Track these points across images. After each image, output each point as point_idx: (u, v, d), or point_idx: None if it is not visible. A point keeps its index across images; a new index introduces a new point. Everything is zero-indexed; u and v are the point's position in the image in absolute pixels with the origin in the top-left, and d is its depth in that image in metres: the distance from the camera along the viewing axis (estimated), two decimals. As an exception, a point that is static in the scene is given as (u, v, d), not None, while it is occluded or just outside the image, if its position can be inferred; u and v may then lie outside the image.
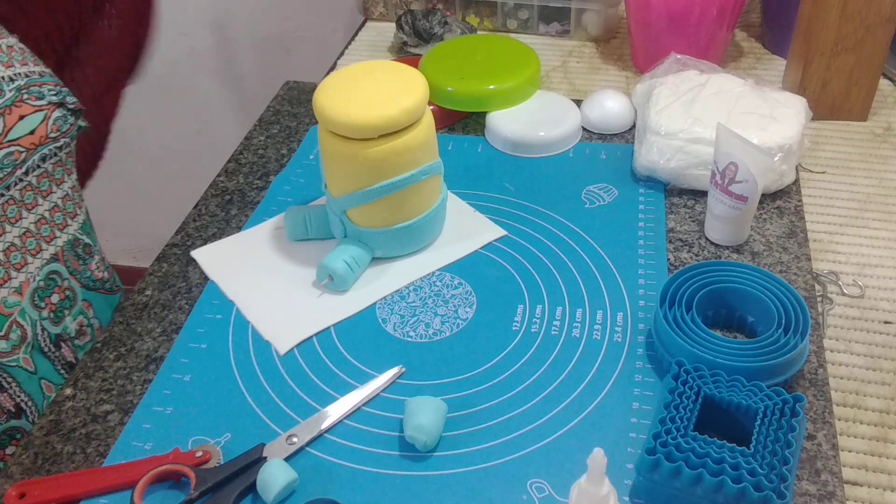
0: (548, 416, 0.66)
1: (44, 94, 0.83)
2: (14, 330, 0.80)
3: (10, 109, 0.80)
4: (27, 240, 0.83)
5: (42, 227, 0.85)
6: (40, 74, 0.85)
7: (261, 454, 0.63)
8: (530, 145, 0.95)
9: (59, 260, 0.85)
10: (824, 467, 0.62)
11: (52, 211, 0.86)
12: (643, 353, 0.71)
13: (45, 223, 0.85)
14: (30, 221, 0.83)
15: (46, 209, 0.86)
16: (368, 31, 1.30)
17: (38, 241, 0.84)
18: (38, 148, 0.82)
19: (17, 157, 0.80)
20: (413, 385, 0.70)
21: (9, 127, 0.79)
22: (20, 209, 0.82)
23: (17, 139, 0.80)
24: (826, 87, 1.00)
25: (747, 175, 0.76)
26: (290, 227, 0.84)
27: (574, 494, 0.55)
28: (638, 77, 1.12)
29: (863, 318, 0.77)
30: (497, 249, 0.83)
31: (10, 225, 0.81)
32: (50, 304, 0.84)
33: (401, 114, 0.73)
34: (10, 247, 0.81)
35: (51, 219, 0.86)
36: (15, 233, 0.82)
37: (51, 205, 0.87)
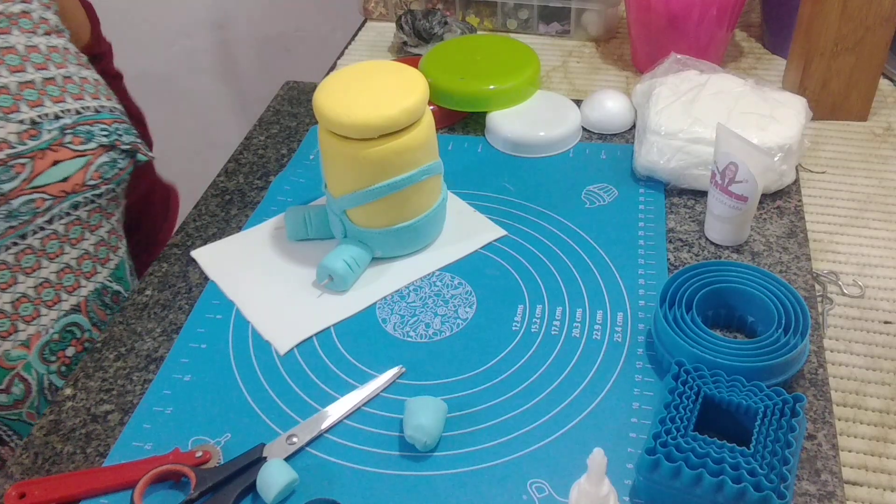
0: (548, 416, 0.66)
1: (93, 135, 0.79)
2: (16, 384, 0.78)
3: (44, 153, 0.75)
4: (43, 291, 0.79)
5: (65, 277, 0.80)
6: (96, 110, 0.80)
7: (261, 454, 0.63)
8: (530, 145, 0.95)
9: (80, 311, 0.82)
10: (824, 467, 0.62)
11: (81, 259, 0.82)
12: (643, 353, 0.71)
13: (70, 272, 0.81)
14: (50, 271, 0.79)
15: (74, 257, 0.81)
16: (368, 31, 1.30)
17: (56, 291, 0.80)
18: (69, 196, 0.78)
19: (38, 205, 0.76)
20: (413, 385, 0.70)
21: (36, 172, 0.75)
22: (39, 258, 0.78)
23: (43, 186, 0.75)
24: (826, 87, 1.00)
25: (747, 175, 0.76)
26: (290, 227, 0.84)
27: (574, 494, 0.55)
28: (638, 77, 1.12)
29: (863, 318, 0.77)
30: (497, 249, 0.83)
31: (25, 275, 0.77)
32: (63, 358, 0.81)
33: (401, 114, 0.73)
34: (21, 298, 0.77)
35: (77, 267, 0.81)
36: (29, 283, 0.78)
37: (80, 252, 0.82)
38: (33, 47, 0.77)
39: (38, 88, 0.76)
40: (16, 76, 0.74)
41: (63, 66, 0.79)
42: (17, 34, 0.76)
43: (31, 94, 0.75)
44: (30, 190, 0.75)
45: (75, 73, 0.80)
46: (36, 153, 0.75)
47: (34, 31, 0.78)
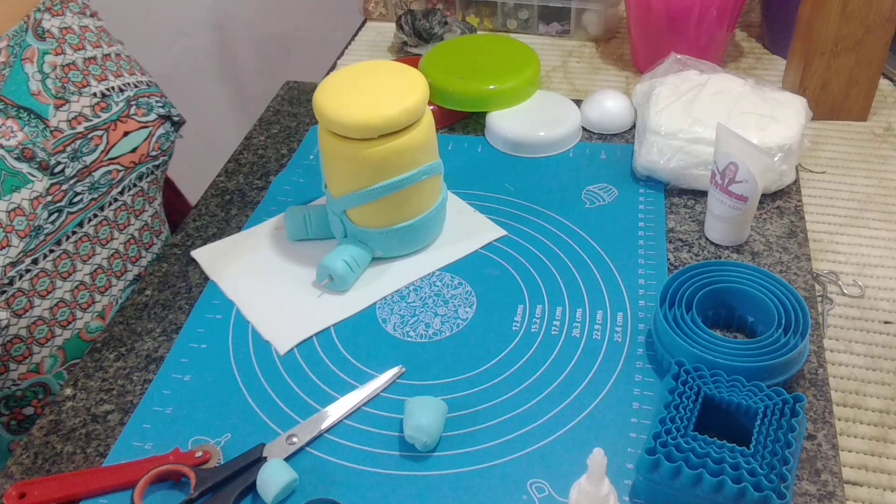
0: (548, 416, 0.66)
1: (152, 107, 0.83)
2: None
3: (116, 125, 0.78)
4: (114, 261, 0.81)
5: (130, 248, 0.84)
6: (147, 84, 0.84)
7: (261, 454, 0.63)
8: (530, 145, 0.95)
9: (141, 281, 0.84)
10: (824, 467, 0.62)
11: (142, 230, 0.85)
12: (643, 353, 0.71)
13: (134, 243, 0.84)
14: (119, 242, 0.82)
15: (137, 228, 0.85)
16: (368, 31, 1.30)
17: (124, 262, 0.83)
18: (137, 166, 0.81)
19: (114, 176, 0.79)
20: (413, 385, 0.70)
21: (112, 143, 0.78)
22: (112, 230, 0.81)
23: (117, 157, 0.79)
24: (826, 87, 1.00)
25: (747, 175, 0.76)
26: (290, 227, 0.84)
27: (574, 494, 0.55)
28: (638, 77, 1.12)
29: (863, 318, 0.77)
30: (497, 249, 0.83)
31: (101, 247, 0.80)
32: None
33: (401, 114, 0.73)
34: (97, 269, 0.80)
35: (139, 238, 0.85)
36: (104, 254, 0.80)
37: (141, 224, 0.85)
38: (85, 27, 0.81)
39: (99, 64, 0.80)
40: (79, 53, 0.78)
41: (112, 44, 0.83)
42: (70, 15, 0.80)
43: (96, 70, 0.79)
44: (108, 161, 0.78)
45: (122, 50, 0.85)
46: (109, 125, 0.78)
47: (83, 12, 0.82)
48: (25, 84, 0.75)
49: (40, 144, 0.74)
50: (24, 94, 0.74)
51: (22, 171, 0.73)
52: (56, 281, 0.76)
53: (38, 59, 0.76)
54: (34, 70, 0.75)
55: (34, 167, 0.74)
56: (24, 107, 0.74)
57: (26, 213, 0.73)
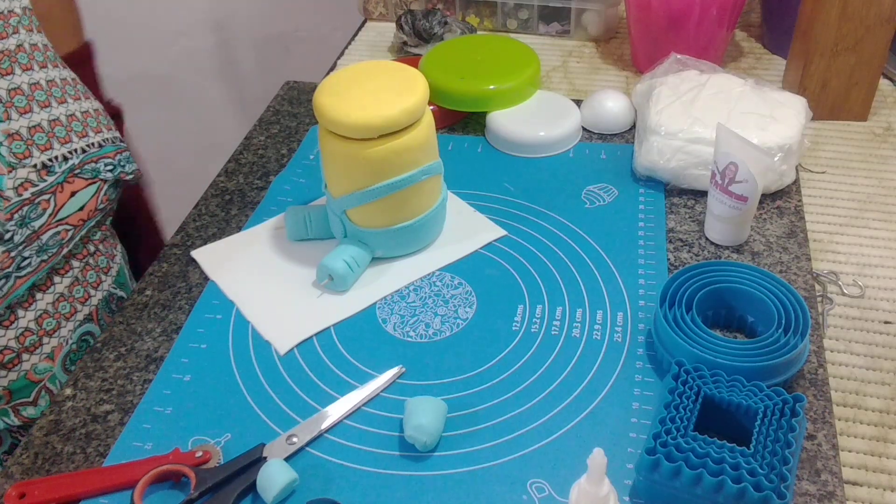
0: (548, 416, 0.66)
1: (98, 172, 0.80)
2: (43, 396, 0.80)
3: (62, 187, 0.77)
4: (60, 304, 0.80)
5: (75, 289, 0.82)
6: (99, 145, 0.81)
7: (261, 454, 0.63)
8: (530, 145, 0.95)
9: (93, 320, 0.84)
10: (824, 467, 0.62)
11: (85, 270, 0.84)
12: (643, 353, 0.71)
13: (78, 284, 0.83)
14: (63, 286, 0.81)
15: (80, 269, 0.83)
16: (368, 31, 1.30)
17: (70, 304, 0.82)
18: (86, 223, 0.80)
19: (63, 237, 0.78)
20: (413, 385, 0.70)
21: (59, 205, 0.76)
22: (50, 275, 0.79)
23: (65, 218, 0.77)
24: (826, 87, 1.00)
25: (747, 175, 0.76)
26: (290, 227, 0.84)
27: (574, 494, 0.55)
28: (638, 77, 1.12)
29: (863, 318, 0.77)
30: (497, 249, 0.83)
31: (42, 293, 0.79)
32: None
33: (401, 114, 0.73)
34: (43, 314, 0.79)
35: (84, 279, 0.83)
36: (48, 299, 0.80)
37: (82, 265, 0.84)
38: (35, 84, 0.77)
39: (46, 131, 0.76)
40: (24, 118, 0.75)
41: (64, 101, 0.79)
42: (20, 73, 0.75)
43: (41, 139, 0.75)
44: (55, 223, 0.76)
45: (76, 108, 0.80)
46: (56, 187, 0.76)
47: (31, 66, 0.77)
48: None
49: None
50: None
51: None
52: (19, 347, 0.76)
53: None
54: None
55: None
56: None
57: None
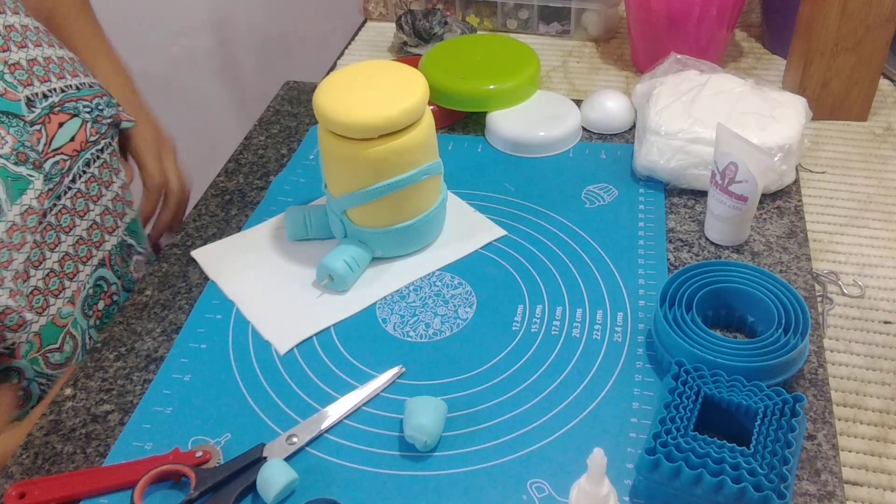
0: (548, 416, 0.66)
1: (78, 111, 0.82)
2: (67, 341, 0.80)
3: (49, 118, 0.78)
4: (80, 247, 0.82)
5: (93, 233, 0.84)
6: (77, 88, 0.83)
7: (261, 454, 0.63)
8: (530, 145, 0.95)
9: (106, 265, 0.85)
10: (824, 467, 0.62)
11: (103, 214, 0.86)
12: (643, 353, 0.71)
13: (97, 228, 0.85)
14: (82, 228, 0.83)
15: (97, 213, 0.85)
16: (368, 31, 1.30)
17: (89, 247, 0.83)
18: (80, 154, 0.82)
19: (62, 166, 0.80)
20: (413, 385, 0.70)
21: (51, 136, 0.78)
22: (73, 217, 0.81)
23: (59, 148, 0.79)
24: (826, 87, 1.01)
25: (747, 175, 0.76)
26: (290, 227, 0.84)
27: (574, 494, 0.55)
28: (638, 77, 1.12)
29: (863, 318, 0.77)
30: (497, 249, 0.83)
31: (65, 234, 0.80)
32: (97, 312, 0.84)
33: (401, 114, 0.73)
34: (65, 256, 0.80)
35: (101, 223, 0.85)
36: (69, 241, 0.81)
37: (101, 209, 0.86)
38: (10, 27, 0.78)
39: (25, 69, 0.77)
40: (22, 52, 0.76)
41: (39, 45, 0.81)
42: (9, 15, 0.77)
43: (22, 75, 0.77)
44: (52, 153, 0.78)
45: (52, 53, 0.82)
46: (43, 119, 0.77)
47: (3, 10, 0.78)
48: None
49: (28, 143, 0.75)
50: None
51: (22, 173, 0.74)
52: (29, 270, 0.77)
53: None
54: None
55: (30, 168, 0.75)
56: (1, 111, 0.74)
57: (36, 211, 0.74)
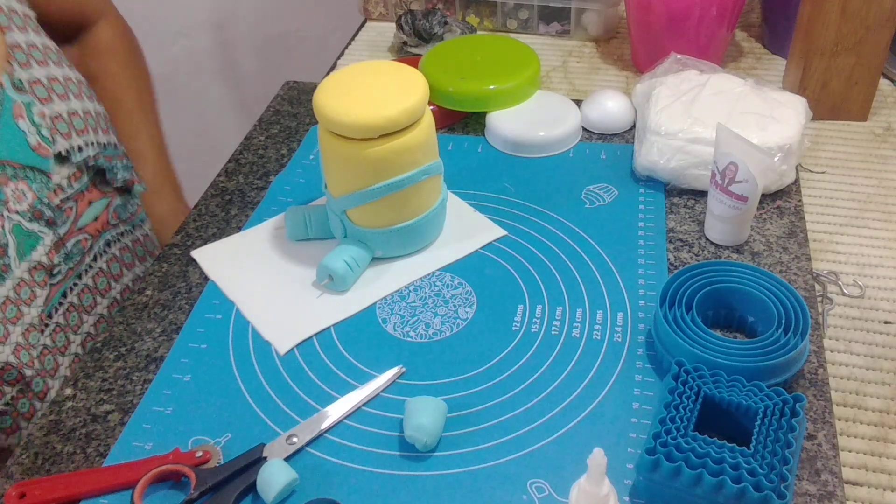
0: (548, 416, 0.66)
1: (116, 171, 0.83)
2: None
3: (83, 195, 0.79)
4: (99, 326, 0.83)
5: (114, 311, 0.85)
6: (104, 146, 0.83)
7: (261, 454, 0.63)
8: (530, 145, 0.95)
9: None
10: (824, 467, 0.62)
11: (123, 293, 0.87)
12: (643, 353, 0.71)
13: (118, 305, 0.86)
14: (103, 307, 0.84)
15: (118, 291, 0.86)
16: (368, 31, 1.30)
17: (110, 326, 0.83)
18: (102, 234, 0.83)
19: (84, 245, 0.80)
20: (413, 385, 0.70)
21: (79, 213, 0.79)
22: (94, 296, 0.82)
23: (84, 226, 0.80)
24: (826, 87, 1.00)
25: (747, 175, 0.76)
26: (290, 227, 0.84)
27: (574, 494, 0.55)
28: (638, 77, 1.12)
29: (863, 318, 0.77)
30: (497, 249, 0.83)
31: (87, 314, 0.82)
32: None
33: (401, 114, 0.73)
34: (87, 337, 0.81)
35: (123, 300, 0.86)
36: (90, 321, 0.82)
37: (122, 287, 0.87)
38: (54, 79, 0.78)
39: (66, 121, 0.77)
40: (47, 107, 0.76)
41: (80, 97, 0.81)
42: (36, 66, 0.77)
43: (63, 127, 0.77)
44: (77, 231, 0.79)
45: (91, 107, 0.82)
46: (78, 195, 0.78)
47: (46, 62, 0.79)
48: (24, 140, 0.74)
49: (46, 200, 0.75)
50: (26, 150, 0.74)
51: (34, 230, 0.75)
52: (57, 357, 0.78)
53: (27, 112, 0.74)
54: (28, 125, 0.74)
55: (43, 225, 0.76)
56: (29, 166, 0.74)
57: (45, 265, 0.76)
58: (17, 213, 0.72)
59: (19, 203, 0.72)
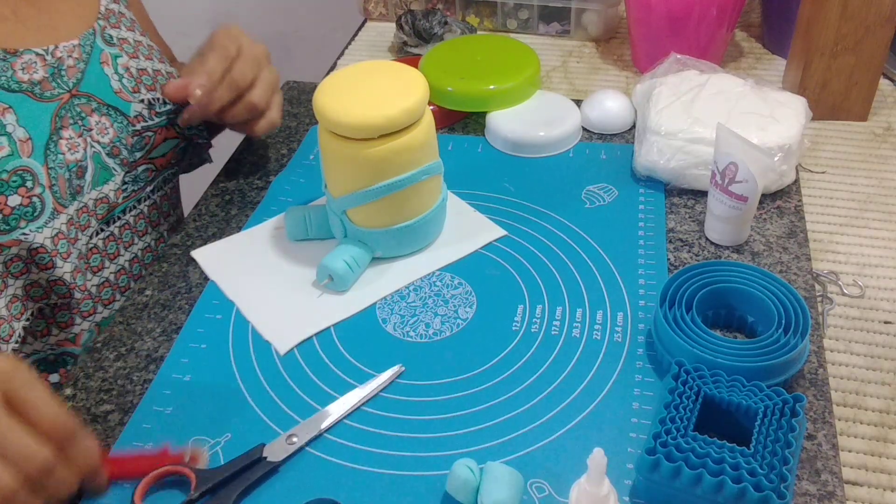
0: (548, 416, 0.66)
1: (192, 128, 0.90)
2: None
3: (161, 130, 0.87)
4: (146, 254, 0.89)
5: (146, 255, 0.91)
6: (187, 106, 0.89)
7: (261, 454, 0.63)
8: (530, 145, 0.95)
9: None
10: (824, 467, 0.62)
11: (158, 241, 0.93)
12: (643, 353, 0.71)
13: (163, 241, 0.92)
14: (151, 237, 0.90)
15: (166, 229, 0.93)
16: (368, 31, 1.31)
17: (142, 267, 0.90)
18: (163, 170, 0.90)
19: (150, 175, 0.88)
20: (413, 385, 0.70)
21: (155, 145, 0.86)
22: (147, 224, 0.89)
23: (155, 158, 0.87)
24: (826, 87, 1.01)
25: (747, 175, 0.76)
26: (290, 227, 0.84)
27: (574, 494, 0.55)
28: (638, 77, 1.12)
29: (863, 318, 0.77)
30: (497, 249, 0.83)
31: (139, 238, 0.88)
32: None
33: (401, 114, 0.73)
34: (134, 258, 0.88)
35: (154, 247, 0.92)
36: (140, 245, 0.88)
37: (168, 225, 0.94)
38: (139, 42, 0.87)
39: (151, 76, 0.86)
40: (133, 61, 0.85)
41: (163, 61, 0.89)
42: (124, 30, 0.86)
43: (147, 80, 0.86)
44: (147, 160, 0.86)
45: (174, 70, 0.91)
46: (158, 129, 0.86)
47: (133, 29, 0.87)
48: (108, 84, 0.82)
49: (124, 142, 0.83)
50: (110, 92, 0.82)
51: (110, 165, 0.82)
52: (105, 260, 0.84)
53: (112, 62, 0.83)
54: (112, 71, 0.82)
55: (118, 163, 0.83)
56: (111, 105, 0.82)
57: (110, 201, 0.83)
58: (98, 143, 0.80)
59: (102, 135, 0.80)
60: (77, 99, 0.78)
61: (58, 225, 0.74)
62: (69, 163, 0.76)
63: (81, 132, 0.78)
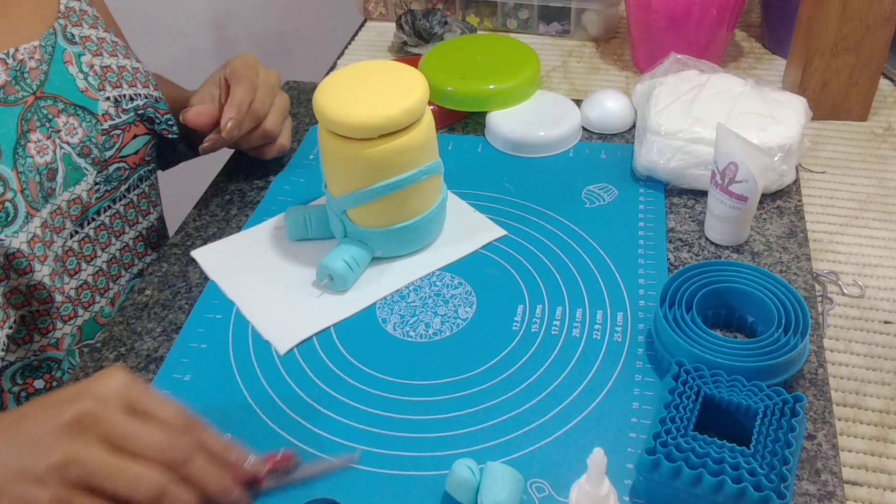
0: (548, 416, 0.66)
1: (159, 120, 0.89)
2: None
3: (130, 127, 0.85)
4: (125, 254, 0.89)
5: (138, 244, 0.91)
6: (156, 99, 0.89)
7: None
8: (530, 145, 0.95)
9: (142, 275, 0.89)
10: (824, 467, 0.62)
11: (149, 230, 0.93)
12: (643, 353, 0.71)
13: (142, 240, 0.91)
14: (129, 237, 0.89)
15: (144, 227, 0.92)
16: (368, 31, 1.31)
17: (132, 256, 0.90)
18: (137, 168, 0.88)
19: (122, 174, 0.86)
20: (413, 385, 0.70)
21: (125, 143, 0.85)
22: (123, 224, 0.88)
23: (126, 156, 0.86)
24: (826, 87, 1.01)
25: (747, 175, 0.76)
26: (290, 227, 0.84)
27: (574, 494, 0.55)
28: (638, 77, 1.12)
29: (863, 318, 0.77)
30: (497, 249, 0.83)
31: (115, 238, 0.87)
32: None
33: (401, 114, 0.73)
34: (112, 259, 0.87)
35: (147, 237, 0.92)
36: (117, 245, 0.87)
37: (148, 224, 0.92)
38: (102, 39, 0.85)
39: (115, 72, 0.85)
40: (97, 59, 0.83)
41: (128, 56, 0.88)
42: (86, 28, 0.84)
43: (112, 77, 0.84)
44: (119, 159, 0.85)
45: (139, 66, 0.89)
46: (126, 126, 0.85)
47: (96, 26, 0.86)
48: (73, 83, 0.80)
49: (94, 141, 0.81)
50: (76, 92, 0.80)
51: (81, 166, 0.80)
52: (81, 263, 0.82)
53: (76, 60, 0.81)
54: (76, 70, 0.81)
55: (89, 163, 0.81)
56: (78, 104, 0.80)
57: (83, 202, 0.81)
58: (68, 143, 0.78)
59: (71, 136, 0.79)
60: (43, 101, 0.77)
61: (32, 229, 0.73)
62: (39, 165, 0.75)
63: (49, 134, 0.77)
